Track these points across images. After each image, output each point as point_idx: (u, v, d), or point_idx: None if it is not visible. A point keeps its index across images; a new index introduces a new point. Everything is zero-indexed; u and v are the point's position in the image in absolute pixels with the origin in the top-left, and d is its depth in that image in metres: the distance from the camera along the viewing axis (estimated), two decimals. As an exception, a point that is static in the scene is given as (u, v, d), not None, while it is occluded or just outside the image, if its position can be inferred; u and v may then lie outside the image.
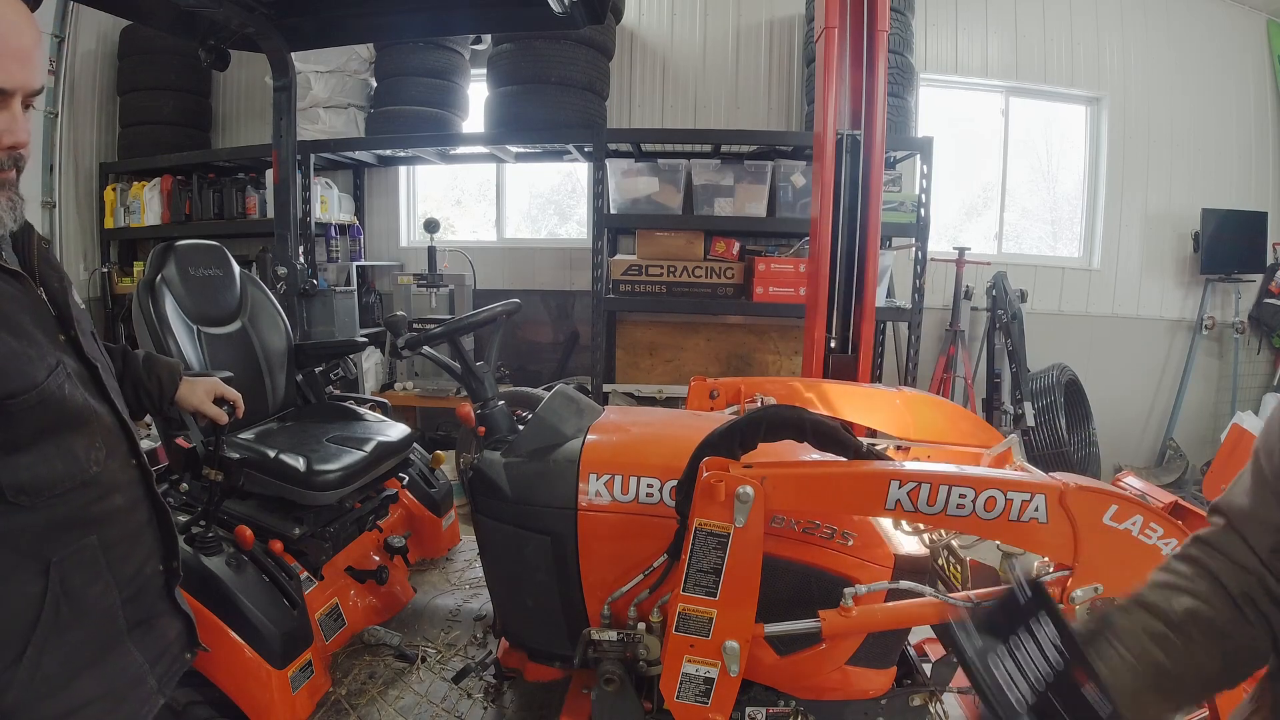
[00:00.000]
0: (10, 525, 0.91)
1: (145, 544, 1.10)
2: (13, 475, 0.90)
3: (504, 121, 4.07)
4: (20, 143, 0.93)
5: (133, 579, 1.06)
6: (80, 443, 0.99)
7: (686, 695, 1.26)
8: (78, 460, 0.98)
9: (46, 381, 0.94)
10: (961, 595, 1.28)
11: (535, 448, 1.57)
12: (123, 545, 1.05)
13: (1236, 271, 4.70)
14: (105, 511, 1.02)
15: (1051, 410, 4.21)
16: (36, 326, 0.97)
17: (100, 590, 1.00)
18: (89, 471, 1.00)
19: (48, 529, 0.94)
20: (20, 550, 0.92)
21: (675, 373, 4.50)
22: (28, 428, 0.92)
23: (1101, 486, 1.24)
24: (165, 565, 1.13)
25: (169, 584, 1.14)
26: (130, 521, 1.07)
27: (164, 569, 1.13)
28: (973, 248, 4.42)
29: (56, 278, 1.06)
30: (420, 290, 4.17)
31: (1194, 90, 4.71)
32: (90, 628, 0.99)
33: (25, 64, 0.90)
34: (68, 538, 0.96)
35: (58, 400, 0.96)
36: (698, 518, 1.20)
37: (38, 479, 0.93)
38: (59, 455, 0.96)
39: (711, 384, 2.11)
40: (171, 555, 1.14)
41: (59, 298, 1.04)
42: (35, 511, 0.92)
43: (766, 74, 4.65)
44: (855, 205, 2.73)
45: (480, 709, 1.78)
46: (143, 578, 1.08)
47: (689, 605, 1.23)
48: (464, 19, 2.67)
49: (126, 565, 1.05)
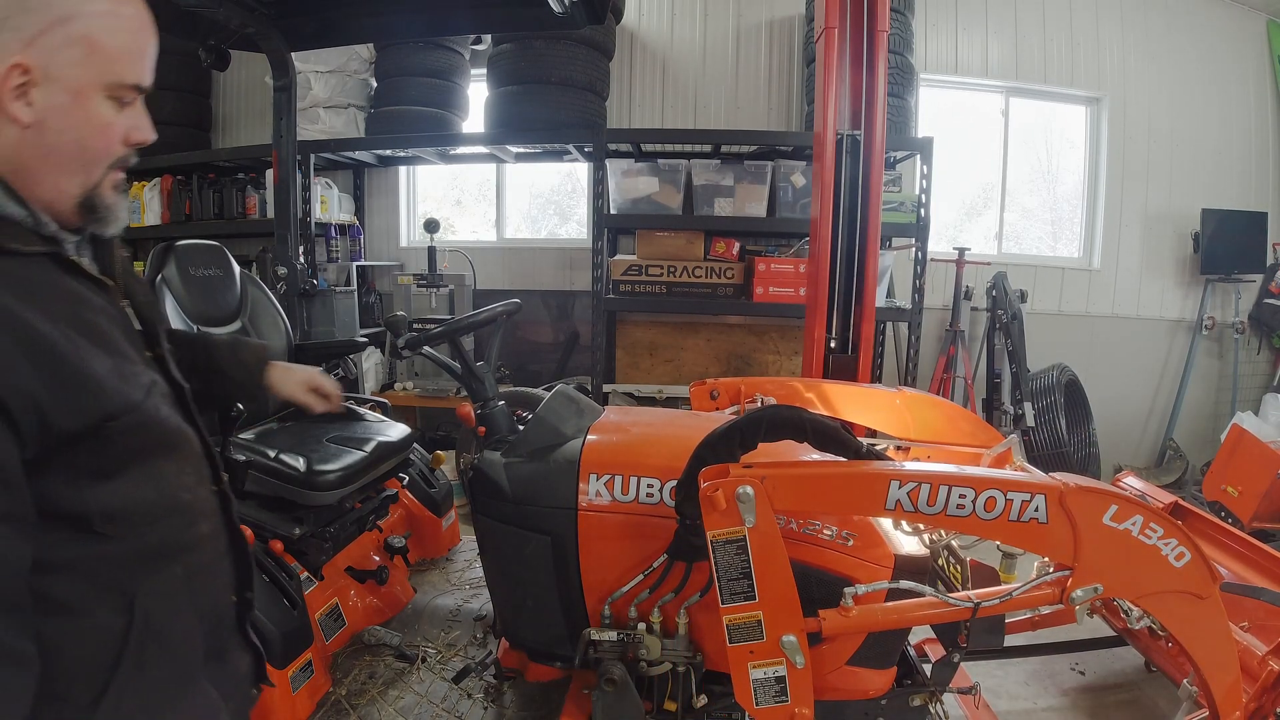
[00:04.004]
0: (92, 556, 0.84)
1: (224, 573, 1.04)
2: (102, 503, 0.84)
3: (504, 121, 4.07)
4: (150, 140, 0.92)
5: (212, 610, 1.00)
6: (171, 467, 0.94)
7: (765, 699, 1.25)
8: (168, 485, 0.93)
9: (144, 402, 0.88)
10: (961, 595, 1.28)
11: (535, 448, 1.57)
12: (204, 575, 0.99)
13: (1236, 271, 4.70)
14: (191, 539, 0.97)
15: (1051, 410, 4.20)
16: (126, 341, 0.91)
17: (183, 624, 0.94)
18: (180, 498, 0.95)
19: (133, 560, 0.88)
20: (101, 583, 0.85)
21: (675, 373, 4.51)
22: (121, 452, 0.86)
23: (1101, 487, 1.24)
24: (239, 595, 1.08)
25: (241, 615, 1.09)
26: (212, 549, 1.01)
27: (238, 599, 1.07)
28: (973, 248, 4.42)
29: (142, 290, 1.01)
30: (420, 290, 4.17)
31: (1194, 90, 4.72)
32: (172, 664, 0.92)
33: (152, 61, 0.90)
34: (153, 569, 0.90)
35: (154, 422, 0.90)
36: (710, 531, 1.20)
37: (129, 506, 0.86)
38: (150, 481, 0.90)
39: (711, 384, 2.11)
40: (245, 585, 1.09)
41: (145, 311, 0.99)
42: (121, 541, 0.86)
43: (766, 74, 4.65)
44: (855, 205, 2.73)
45: (480, 709, 1.78)
46: (220, 609, 1.03)
47: (733, 615, 1.22)
48: (464, 19, 2.67)
49: (206, 596, 0.99)
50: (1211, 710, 1.35)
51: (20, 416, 0.75)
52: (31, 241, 0.83)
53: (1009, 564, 1.40)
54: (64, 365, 0.79)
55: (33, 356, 0.76)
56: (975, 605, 1.24)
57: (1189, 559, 1.22)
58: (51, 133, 0.82)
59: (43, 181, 0.84)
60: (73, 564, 0.83)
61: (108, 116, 0.86)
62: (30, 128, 0.81)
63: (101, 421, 0.82)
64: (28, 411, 0.75)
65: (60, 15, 0.81)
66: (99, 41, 0.83)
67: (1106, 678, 2.51)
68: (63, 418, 0.78)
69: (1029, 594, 1.25)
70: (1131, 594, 1.25)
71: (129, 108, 0.89)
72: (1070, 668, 2.55)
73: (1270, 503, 3.00)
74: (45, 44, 0.80)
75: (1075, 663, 2.56)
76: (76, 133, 0.84)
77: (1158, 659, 2.18)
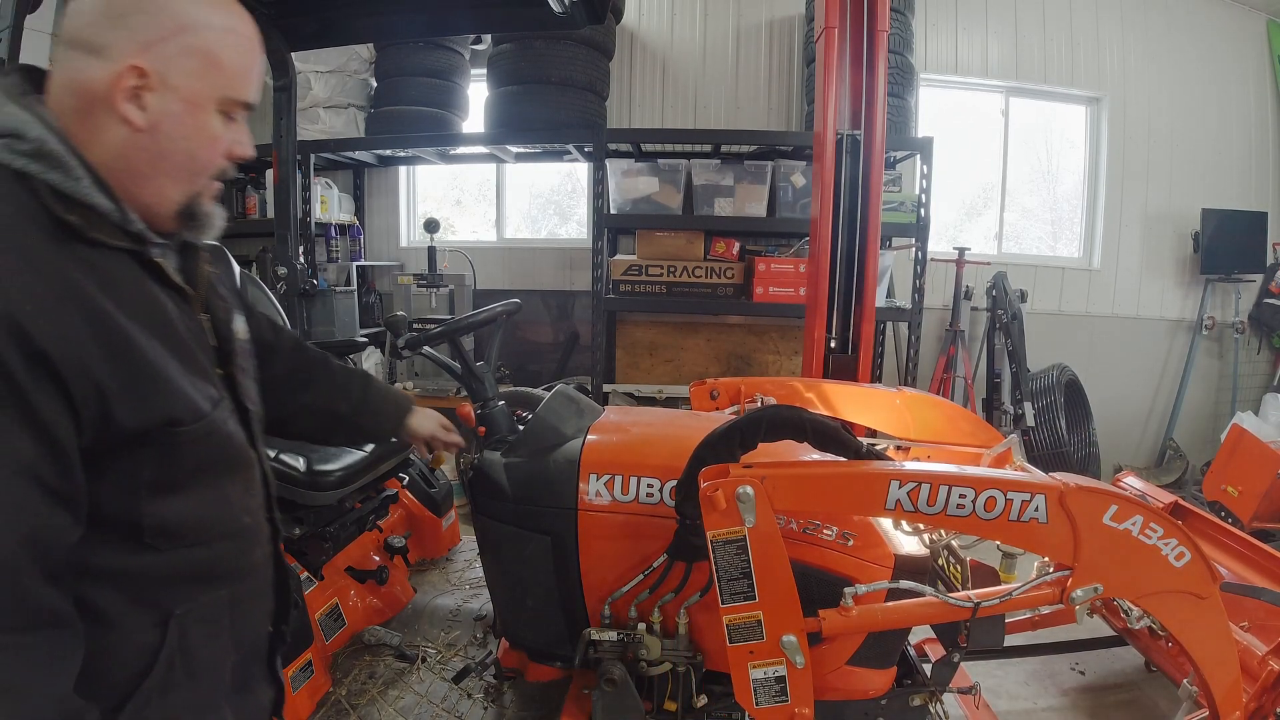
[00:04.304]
0: (135, 568, 0.82)
1: (266, 604, 1.03)
2: (158, 517, 0.82)
3: (504, 121, 4.07)
4: (250, 156, 0.93)
5: (248, 640, 0.98)
6: (236, 489, 0.93)
7: (765, 699, 1.25)
8: (231, 508, 0.92)
9: (213, 414, 0.87)
10: (961, 595, 1.28)
11: (535, 448, 1.57)
12: (248, 603, 0.97)
13: (1236, 271, 4.70)
14: (243, 566, 0.95)
15: (1051, 410, 4.21)
16: (200, 353, 0.90)
17: (217, 649, 0.92)
18: (241, 522, 0.93)
19: (178, 578, 0.86)
20: (139, 597, 0.83)
21: (675, 373, 4.51)
22: (188, 464, 0.85)
23: (1101, 487, 1.24)
24: (275, 628, 1.06)
25: (273, 648, 1.06)
26: (261, 579, 1.00)
27: (272, 631, 1.05)
28: (973, 248, 4.42)
29: (223, 306, 0.99)
30: (420, 290, 4.17)
31: (1194, 90, 4.72)
32: (197, 690, 0.90)
33: (260, 81, 0.92)
34: (198, 590, 0.88)
35: (222, 437, 0.89)
36: (709, 531, 1.20)
37: (184, 523, 0.85)
38: (214, 500, 0.89)
39: (712, 384, 2.11)
40: (283, 619, 1.07)
41: (222, 329, 0.97)
42: (167, 555, 0.84)
43: (766, 74, 4.65)
44: (855, 205, 2.73)
45: (480, 709, 1.78)
46: (256, 640, 1.01)
47: (733, 615, 1.22)
48: (464, 19, 2.66)
49: (247, 626, 0.97)
50: (1211, 710, 1.35)
51: (81, 400, 0.74)
52: (116, 236, 0.82)
53: (1009, 564, 1.40)
54: (135, 359, 0.78)
55: (104, 342, 0.76)
56: (975, 605, 1.24)
57: (1189, 559, 1.22)
58: (165, 139, 0.83)
59: (149, 185, 0.84)
60: (114, 573, 0.82)
61: (216, 129, 0.87)
62: (142, 131, 0.81)
63: (166, 425, 0.81)
64: (90, 397, 0.74)
65: (181, 24, 0.81)
66: (217, 56, 0.84)
67: (1106, 678, 2.51)
68: (126, 412, 0.77)
69: (1029, 594, 1.25)
70: (1131, 594, 1.25)
71: (234, 123, 0.90)
72: (1070, 668, 2.55)
73: (1270, 503, 3.00)
74: (164, 50, 0.81)
75: (1075, 663, 2.56)
76: (188, 142, 0.85)
77: (1158, 659, 2.18)
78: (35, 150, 0.78)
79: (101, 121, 0.81)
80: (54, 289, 0.73)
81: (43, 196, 0.77)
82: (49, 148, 0.78)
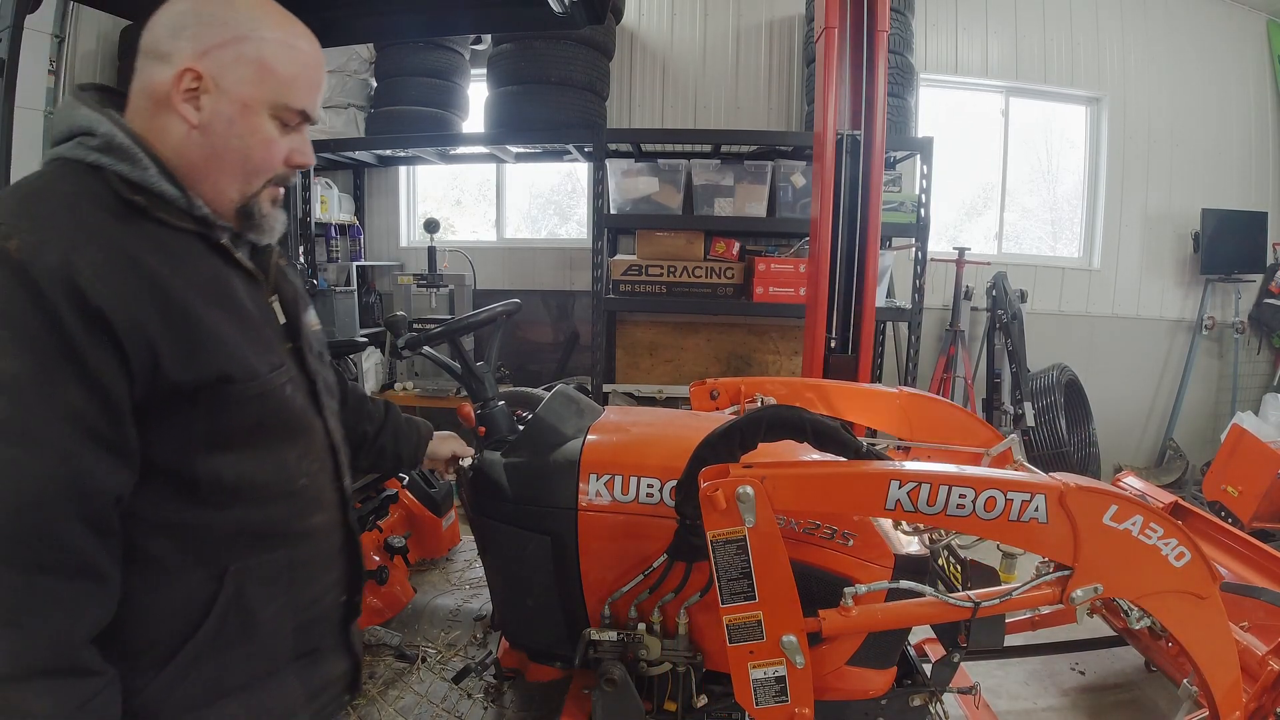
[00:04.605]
0: (192, 521, 0.87)
1: (333, 572, 1.04)
2: (214, 471, 0.87)
3: (504, 121, 4.07)
4: (310, 164, 0.98)
5: (310, 605, 1.00)
6: (293, 453, 0.96)
7: (765, 699, 1.25)
8: (287, 469, 0.95)
9: (268, 376, 0.92)
10: (961, 595, 1.28)
11: (535, 448, 1.57)
12: (310, 567, 0.99)
13: (1236, 272, 4.70)
14: (303, 529, 0.98)
15: (1051, 410, 4.21)
16: (266, 326, 0.97)
17: (275, 611, 0.94)
18: (296, 483, 0.96)
19: (234, 535, 0.90)
20: (196, 550, 0.87)
21: (675, 373, 4.50)
22: (243, 423, 0.89)
23: (1101, 487, 1.24)
24: (348, 598, 1.08)
25: (347, 619, 1.08)
26: (324, 545, 1.02)
27: (345, 601, 1.07)
28: (973, 248, 4.42)
29: (292, 289, 1.06)
30: (420, 290, 4.17)
31: (1194, 90, 4.71)
32: (254, 648, 0.93)
33: (320, 95, 0.98)
34: (256, 549, 0.92)
35: (277, 400, 0.93)
36: (710, 531, 1.20)
37: (240, 480, 0.89)
38: (269, 461, 0.93)
39: (712, 384, 2.11)
40: (355, 589, 1.09)
41: (291, 308, 1.04)
42: (224, 511, 0.89)
43: (766, 74, 4.65)
44: (855, 205, 2.73)
45: (480, 709, 1.78)
46: (321, 606, 1.03)
47: (732, 615, 1.22)
48: (464, 19, 2.66)
49: (308, 590, 0.99)
50: (1211, 710, 1.35)
51: (134, 353, 0.79)
52: (183, 219, 0.89)
53: (1009, 564, 1.40)
54: (190, 320, 0.84)
55: (159, 304, 0.82)
56: (975, 605, 1.24)
57: (1189, 559, 1.22)
58: (217, 137, 0.89)
59: (205, 180, 0.90)
60: (170, 524, 0.86)
61: (270, 133, 0.92)
62: (196, 129, 0.88)
63: (218, 381, 0.86)
64: (142, 350, 0.80)
65: (236, 34, 0.89)
66: (270, 65, 0.90)
67: (1106, 678, 2.51)
68: (178, 368, 0.82)
69: (1029, 594, 1.25)
70: (1131, 594, 1.25)
71: (293, 131, 0.95)
72: (1070, 668, 2.55)
73: (1270, 503, 3.00)
74: (218, 56, 0.88)
75: (1075, 663, 2.56)
76: (240, 142, 0.90)
77: (1158, 659, 2.18)
78: (104, 145, 0.85)
79: (165, 120, 0.89)
80: (111, 255, 0.80)
81: (112, 183, 0.85)
82: (117, 141, 0.85)
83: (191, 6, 0.89)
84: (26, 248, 0.76)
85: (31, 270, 0.75)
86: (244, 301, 0.93)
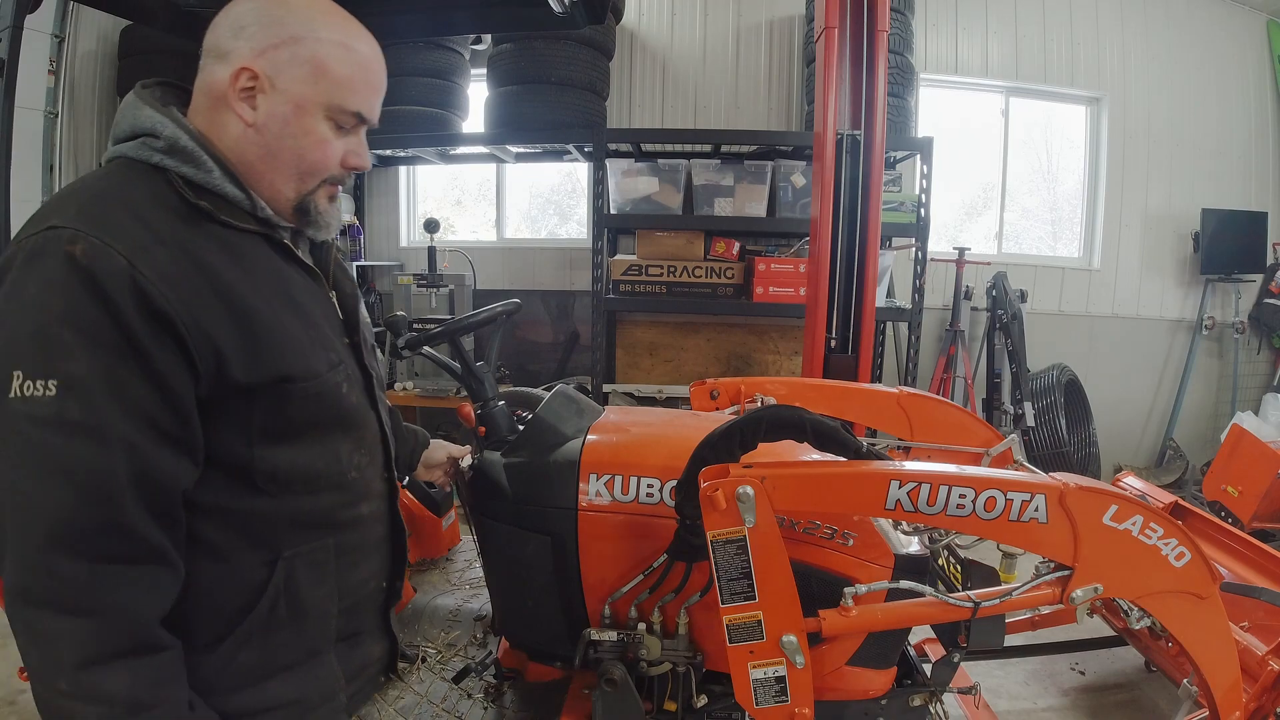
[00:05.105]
0: (246, 509, 0.90)
1: (377, 559, 1.08)
2: (270, 463, 0.90)
3: (504, 121, 4.07)
4: (366, 168, 1.00)
5: (354, 590, 1.04)
6: (346, 445, 0.99)
7: (765, 699, 1.25)
8: (339, 462, 0.98)
9: (327, 375, 0.95)
10: (961, 595, 1.28)
11: (535, 448, 1.57)
12: (356, 554, 1.03)
13: (1236, 272, 4.70)
14: (351, 518, 1.01)
15: (1051, 410, 4.21)
16: (325, 323, 0.99)
17: (322, 595, 0.98)
18: (347, 475, 1.00)
19: (287, 522, 0.93)
20: (251, 536, 0.91)
21: (675, 373, 4.50)
22: (300, 418, 0.92)
23: (1102, 487, 1.24)
24: (389, 583, 1.11)
25: (387, 603, 1.12)
26: (370, 533, 1.05)
27: (386, 586, 1.11)
28: (973, 248, 4.42)
29: (349, 285, 1.09)
30: (420, 290, 4.17)
31: (1194, 90, 4.72)
32: (301, 631, 0.96)
33: (379, 99, 1.00)
34: (307, 536, 0.95)
35: (334, 397, 0.97)
36: (709, 531, 1.20)
37: (294, 471, 0.92)
38: (323, 453, 0.96)
39: (712, 384, 2.11)
40: (397, 575, 1.13)
41: (348, 303, 1.07)
42: (278, 500, 0.92)
43: (766, 74, 4.65)
44: (855, 205, 2.73)
45: (480, 709, 1.77)
46: (364, 591, 1.06)
47: (732, 615, 1.22)
48: (464, 19, 2.66)
49: (353, 575, 1.03)
50: (1211, 710, 1.35)
51: (199, 355, 0.82)
52: (246, 220, 0.92)
53: (1009, 564, 1.40)
54: (254, 322, 0.86)
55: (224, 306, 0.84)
56: (975, 605, 1.24)
57: (1189, 559, 1.22)
58: (271, 136, 0.91)
59: (262, 178, 0.93)
60: (226, 512, 0.89)
61: (324, 134, 0.94)
62: (252, 127, 0.90)
63: (279, 381, 0.89)
64: (207, 352, 0.83)
65: (293, 34, 0.90)
66: (325, 66, 0.91)
67: (1106, 678, 2.51)
68: (242, 369, 0.85)
69: (1029, 594, 1.25)
70: (1131, 594, 1.25)
71: (349, 134, 0.97)
72: (1070, 668, 2.55)
73: (1270, 503, 3.00)
74: (275, 57, 0.90)
75: (1075, 663, 2.56)
76: (294, 141, 0.92)
77: (1158, 659, 2.18)
78: (169, 147, 0.88)
79: (224, 118, 0.91)
80: (176, 258, 0.82)
81: (177, 186, 0.87)
82: (182, 144, 0.88)
83: (253, 6, 0.91)
84: (92, 251, 0.78)
85: (98, 274, 0.77)
86: (305, 299, 0.96)
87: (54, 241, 0.78)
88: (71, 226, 0.79)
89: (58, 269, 0.77)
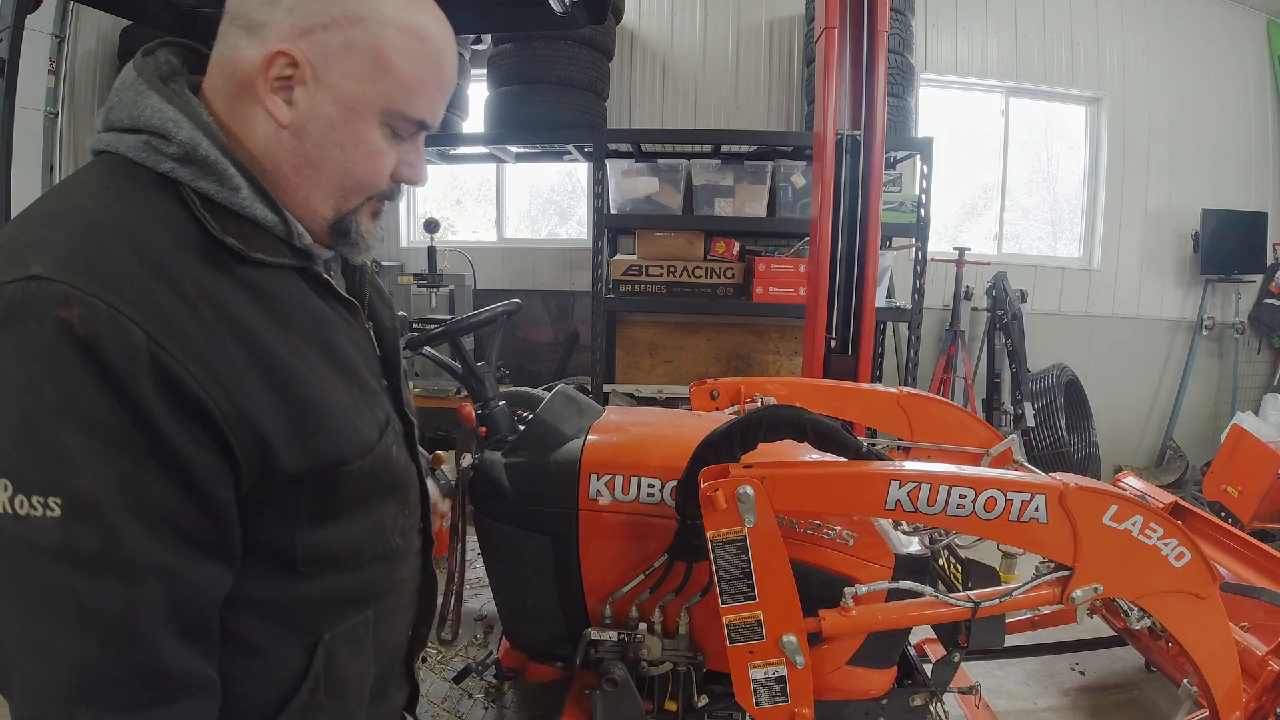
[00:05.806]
0: (288, 596, 0.76)
1: (409, 615, 0.96)
2: (311, 544, 0.75)
3: (504, 121, 4.07)
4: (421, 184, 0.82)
5: (388, 653, 0.92)
6: (390, 511, 0.86)
7: (765, 699, 1.25)
8: (383, 531, 0.85)
9: (379, 445, 0.80)
10: (961, 595, 1.28)
11: (536, 448, 1.57)
12: (391, 619, 0.90)
13: (1236, 272, 4.70)
14: (390, 585, 0.88)
15: (1051, 410, 4.21)
16: (366, 369, 0.83)
17: (360, 668, 0.86)
18: (391, 543, 0.86)
19: (329, 602, 0.79)
20: (290, 624, 0.77)
21: (675, 373, 4.50)
22: (349, 496, 0.78)
23: (1102, 487, 1.24)
24: (414, 631, 0.99)
25: (411, 651, 1.00)
26: (405, 594, 0.93)
27: (412, 634, 0.99)
28: (973, 248, 4.42)
29: (388, 313, 0.92)
30: (420, 290, 4.17)
31: (1194, 90, 4.72)
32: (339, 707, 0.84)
33: (444, 104, 0.81)
34: (346, 613, 0.82)
35: (385, 465, 0.82)
36: (709, 531, 1.20)
37: (338, 550, 0.78)
38: (367, 526, 0.82)
39: (712, 384, 2.11)
40: (423, 621, 1.00)
41: (387, 336, 0.90)
42: (319, 581, 0.77)
43: (766, 74, 4.65)
44: (855, 205, 2.73)
45: (481, 709, 1.78)
46: (397, 649, 0.94)
47: (732, 615, 1.22)
48: (464, 19, 2.66)
49: (389, 640, 0.91)
50: (1211, 710, 1.36)
51: (240, 448, 0.66)
52: (281, 253, 0.73)
53: (1009, 564, 1.41)
54: (302, 398, 0.70)
55: (267, 384, 0.67)
56: (975, 605, 1.25)
57: (1189, 559, 1.22)
58: (311, 143, 0.71)
59: (294, 192, 0.74)
60: (266, 603, 0.75)
61: (378, 144, 0.74)
62: (287, 129, 0.70)
63: (334, 466, 0.74)
64: (249, 442, 0.66)
65: (349, 12, 0.68)
66: (389, 59, 0.71)
67: (1106, 678, 2.51)
68: (291, 458, 0.70)
69: (1029, 594, 1.25)
70: (1131, 594, 1.25)
71: (405, 143, 0.78)
72: (1070, 668, 2.55)
73: (1270, 503, 3.00)
74: (324, 40, 0.68)
75: (1075, 663, 2.57)
76: (341, 152, 0.73)
77: (1158, 659, 2.18)
78: (184, 154, 0.67)
79: (249, 110, 0.70)
80: (205, 322, 0.64)
81: (195, 209, 0.67)
82: (201, 152, 0.67)
83: None
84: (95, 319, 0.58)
85: (104, 352, 0.58)
86: (346, 346, 0.79)
87: (39, 300, 0.57)
88: (62, 281, 0.58)
89: (47, 341, 0.57)
